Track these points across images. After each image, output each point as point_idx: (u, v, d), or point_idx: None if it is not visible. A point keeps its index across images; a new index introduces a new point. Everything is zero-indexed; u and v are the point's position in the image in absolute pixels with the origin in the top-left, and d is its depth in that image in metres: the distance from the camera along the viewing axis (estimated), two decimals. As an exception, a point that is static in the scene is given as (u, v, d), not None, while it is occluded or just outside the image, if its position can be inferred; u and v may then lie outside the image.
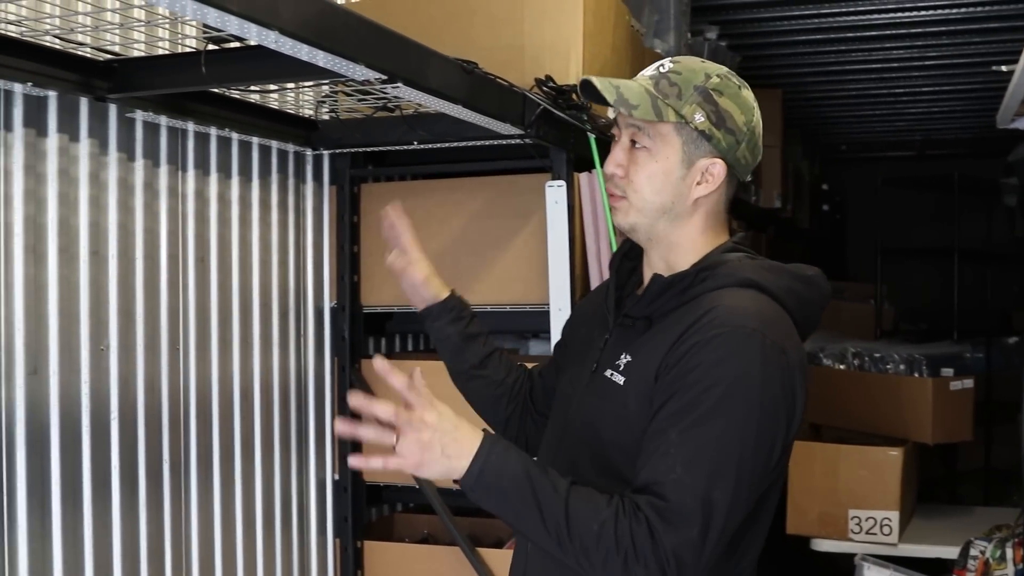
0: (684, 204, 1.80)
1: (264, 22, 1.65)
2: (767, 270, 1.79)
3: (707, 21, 4.95)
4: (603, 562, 1.60)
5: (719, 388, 1.63)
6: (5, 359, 2.24)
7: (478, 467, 1.61)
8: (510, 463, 1.62)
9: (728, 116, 1.79)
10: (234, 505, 2.94)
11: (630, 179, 1.81)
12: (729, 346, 1.66)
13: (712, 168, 1.79)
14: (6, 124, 2.25)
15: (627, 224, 1.85)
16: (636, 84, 1.79)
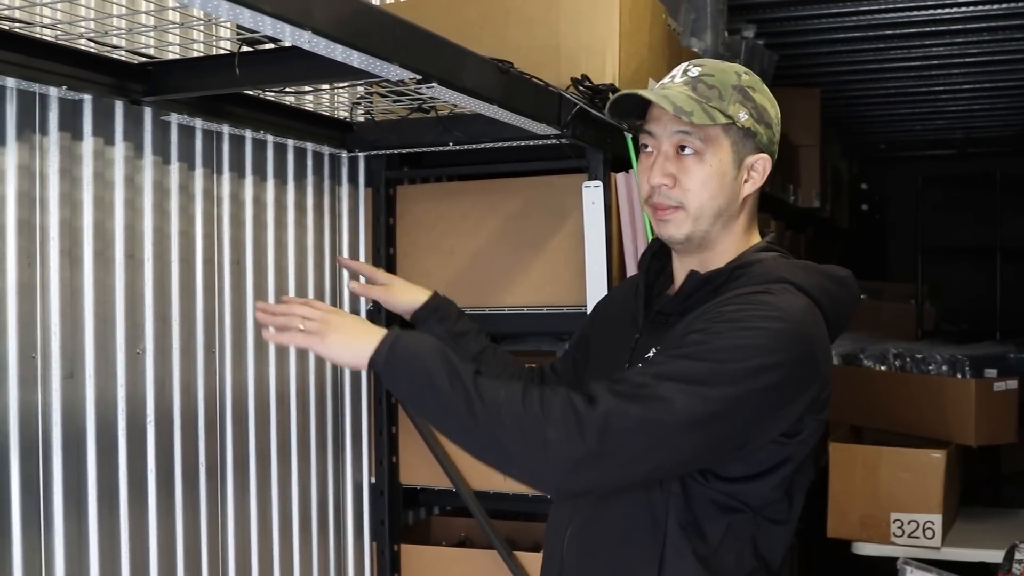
0: (734, 204, 1.83)
1: (297, 22, 1.63)
2: (801, 269, 1.80)
3: (744, 20, 4.92)
4: (519, 430, 1.59)
5: (725, 340, 1.64)
6: (41, 363, 2.24)
7: (391, 341, 1.68)
8: (424, 340, 1.68)
9: (764, 110, 1.83)
10: (270, 509, 2.93)
11: (683, 187, 1.80)
12: (756, 316, 1.67)
13: (758, 164, 1.83)
14: (42, 128, 2.24)
15: (682, 235, 1.83)
16: (676, 92, 1.79)
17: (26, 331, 2.20)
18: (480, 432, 1.62)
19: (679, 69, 1.87)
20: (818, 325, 1.73)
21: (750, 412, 1.64)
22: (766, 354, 1.63)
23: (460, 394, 1.61)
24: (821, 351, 1.72)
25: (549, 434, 1.57)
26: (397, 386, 1.70)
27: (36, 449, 2.23)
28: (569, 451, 1.57)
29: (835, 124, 7.47)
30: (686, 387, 1.60)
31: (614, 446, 1.57)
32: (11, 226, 2.17)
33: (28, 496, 2.20)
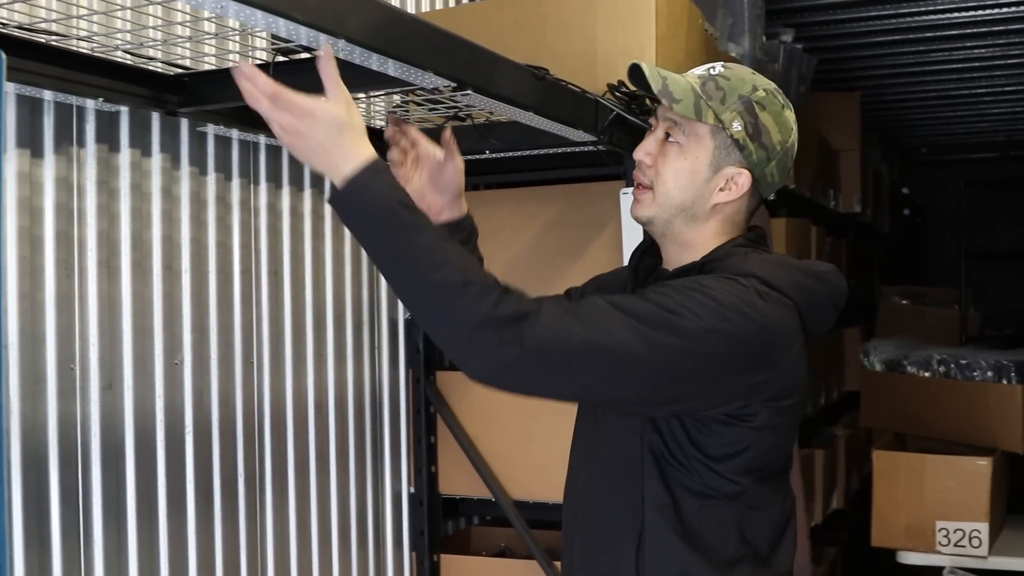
0: (703, 206, 1.83)
1: (331, 31, 1.63)
2: (773, 264, 1.80)
3: (783, 23, 4.88)
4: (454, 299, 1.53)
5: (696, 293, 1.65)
6: (80, 374, 2.25)
7: (353, 189, 1.56)
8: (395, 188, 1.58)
9: (765, 131, 1.82)
10: (310, 519, 2.93)
11: (658, 170, 1.83)
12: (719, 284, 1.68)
13: (737, 178, 1.83)
14: (79, 140, 2.25)
15: (644, 216, 1.87)
16: (684, 80, 1.82)
17: (64, 343, 2.21)
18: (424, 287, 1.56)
19: (710, 64, 1.89)
20: (782, 321, 1.72)
21: (683, 367, 1.63)
22: (718, 320, 1.62)
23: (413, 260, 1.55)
24: (781, 346, 1.71)
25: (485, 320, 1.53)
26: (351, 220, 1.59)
27: (75, 460, 2.23)
28: (500, 347, 1.53)
29: (875, 128, 7.41)
30: (634, 324, 1.59)
31: (546, 355, 1.55)
32: (49, 238, 2.18)
33: (67, 507, 2.20)
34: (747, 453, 1.73)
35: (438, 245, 1.56)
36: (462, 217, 2.03)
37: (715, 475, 1.73)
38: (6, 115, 2.09)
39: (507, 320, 1.53)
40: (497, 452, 3.21)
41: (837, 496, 5.21)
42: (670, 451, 1.74)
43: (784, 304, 1.73)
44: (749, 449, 1.73)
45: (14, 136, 2.11)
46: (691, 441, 1.72)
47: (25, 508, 2.11)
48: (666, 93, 1.79)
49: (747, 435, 1.72)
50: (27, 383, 2.13)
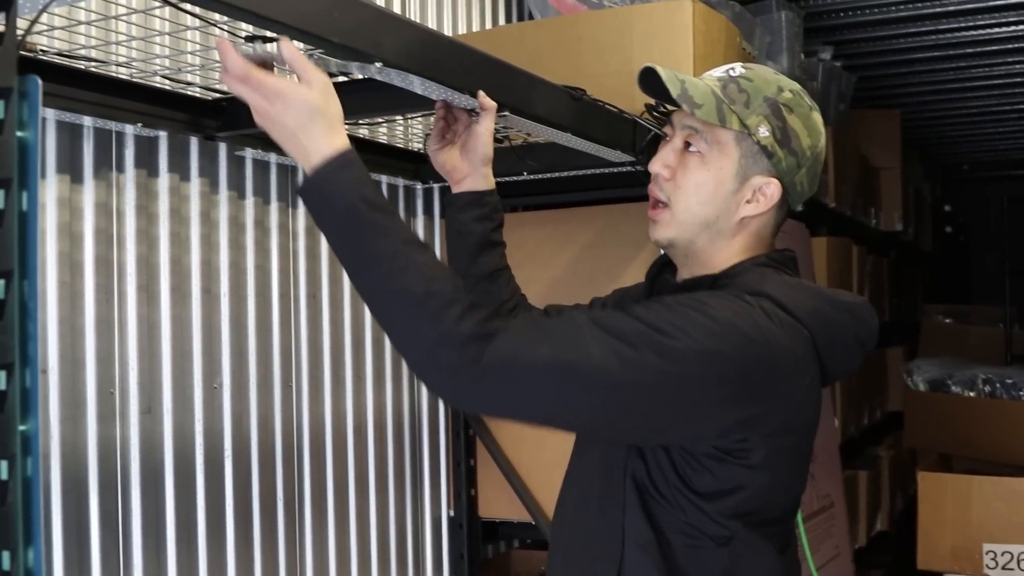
0: (729, 221, 1.69)
1: (368, 53, 1.62)
2: (791, 286, 1.63)
3: (821, 41, 4.86)
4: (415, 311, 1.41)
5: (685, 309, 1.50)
6: (120, 398, 2.25)
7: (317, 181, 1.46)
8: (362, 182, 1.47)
9: (794, 136, 1.68)
10: (349, 543, 2.92)
11: (676, 183, 1.70)
12: (715, 301, 1.53)
13: (766, 188, 1.68)
14: (118, 165, 2.26)
15: (665, 239, 1.73)
16: (703, 83, 1.68)
17: (104, 367, 2.21)
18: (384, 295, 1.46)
19: (728, 65, 1.75)
20: (790, 347, 1.55)
21: (669, 393, 1.47)
22: (710, 340, 1.46)
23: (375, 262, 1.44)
24: (786, 375, 1.55)
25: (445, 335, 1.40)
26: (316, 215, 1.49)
27: (115, 484, 2.23)
28: (461, 366, 1.41)
29: (916, 145, 7.35)
30: (613, 342, 1.44)
31: (508, 374, 1.42)
32: (89, 263, 2.19)
33: (107, 530, 2.20)
34: (739, 493, 1.57)
35: (402, 250, 1.43)
36: (486, 191, 1.93)
37: (702, 514, 1.57)
38: (46, 141, 2.11)
39: (469, 337, 1.40)
40: (537, 475, 3.19)
41: (881, 518, 5.16)
42: (654, 483, 1.59)
43: (795, 329, 1.56)
44: (742, 489, 1.57)
45: (54, 162, 2.12)
46: (677, 474, 1.57)
47: (65, 532, 2.12)
48: (686, 98, 1.64)
49: (740, 473, 1.55)
50: (67, 407, 2.13)
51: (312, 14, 1.52)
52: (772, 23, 4.00)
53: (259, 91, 1.47)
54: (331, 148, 1.47)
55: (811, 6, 4.55)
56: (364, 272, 1.45)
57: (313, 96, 1.47)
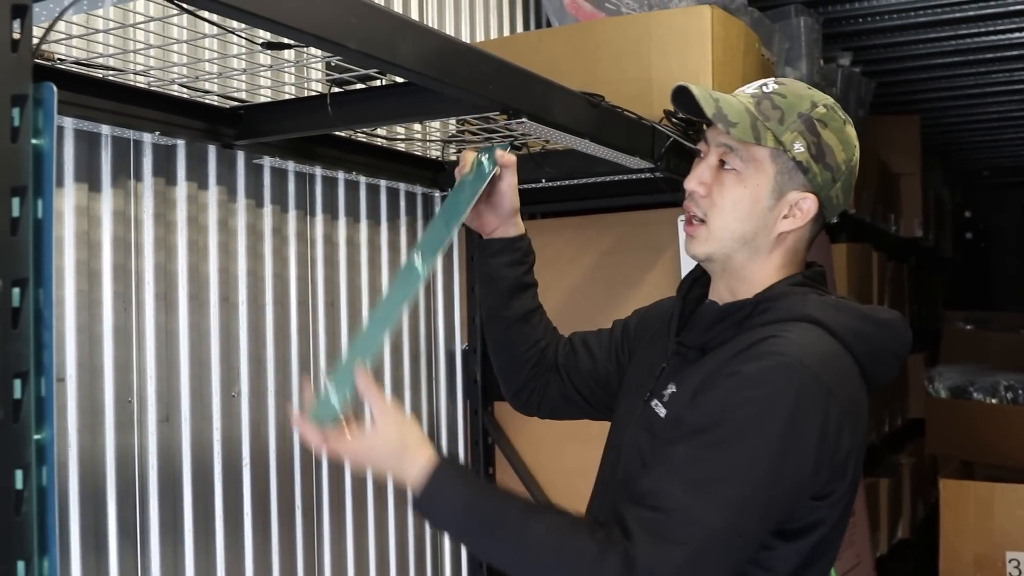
0: (767, 237, 1.70)
1: (385, 59, 1.62)
2: (834, 308, 1.66)
3: (840, 47, 4.84)
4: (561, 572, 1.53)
5: (743, 412, 1.53)
6: (138, 407, 2.25)
7: (424, 495, 1.60)
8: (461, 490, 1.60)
9: (829, 150, 1.69)
10: (368, 550, 2.91)
11: (713, 200, 1.70)
12: (767, 372, 1.55)
13: (803, 203, 1.69)
14: (136, 174, 2.26)
15: (702, 253, 1.73)
16: (736, 100, 1.69)
17: (122, 375, 2.21)
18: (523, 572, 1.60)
19: (760, 81, 1.76)
20: (839, 373, 1.59)
21: (787, 490, 1.55)
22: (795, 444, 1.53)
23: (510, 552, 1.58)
24: (854, 431, 1.60)
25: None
26: (435, 525, 1.67)
27: (133, 493, 2.23)
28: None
29: (936, 151, 7.32)
30: (714, 497, 1.50)
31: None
32: (107, 271, 2.19)
33: (125, 539, 2.20)
34: (817, 531, 1.62)
35: (522, 532, 1.55)
36: (518, 236, 1.97)
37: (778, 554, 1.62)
38: (64, 150, 2.11)
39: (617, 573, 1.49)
40: (556, 483, 3.18)
41: (903, 526, 5.13)
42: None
43: (841, 357, 1.61)
44: (820, 525, 1.62)
45: (72, 170, 2.12)
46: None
47: (83, 540, 2.11)
48: (721, 116, 1.64)
49: (821, 512, 1.61)
50: (85, 416, 2.13)
51: (329, 20, 1.51)
52: (791, 29, 3.99)
53: (346, 454, 1.65)
54: (422, 474, 1.60)
55: (830, 12, 4.53)
56: (499, 559, 1.61)
57: (391, 434, 1.63)
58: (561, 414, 2.10)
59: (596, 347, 2.04)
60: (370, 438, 1.62)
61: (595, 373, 2.02)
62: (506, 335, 2.02)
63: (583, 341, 2.06)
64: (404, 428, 1.63)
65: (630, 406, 1.82)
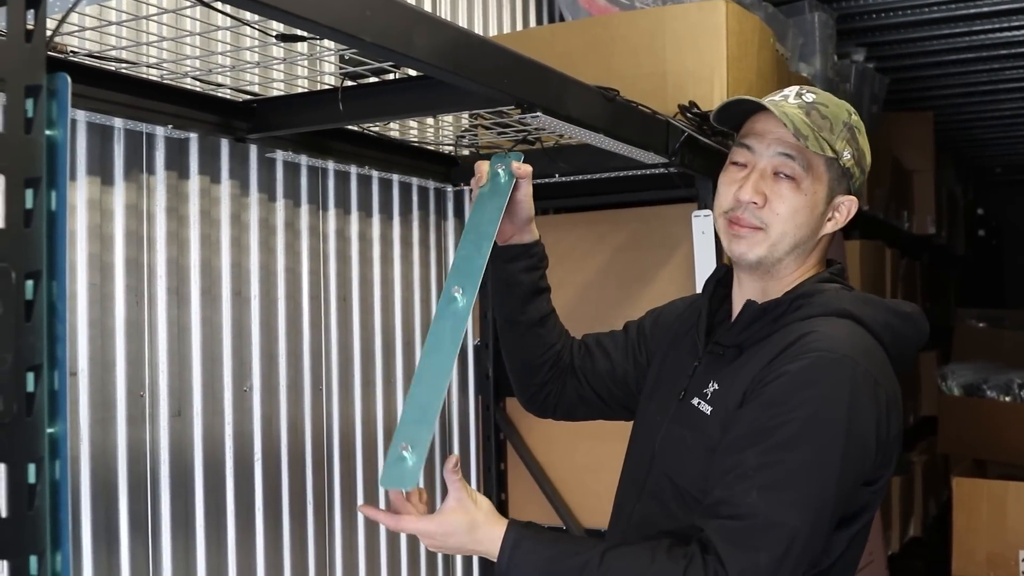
0: (814, 240, 1.76)
1: (399, 52, 1.61)
2: (864, 302, 1.73)
3: (854, 43, 4.82)
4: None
5: (804, 411, 1.57)
6: (150, 401, 2.24)
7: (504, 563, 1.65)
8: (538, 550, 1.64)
9: (863, 155, 1.79)
10: (379, 545, 2.91)
11: (773, 210, 1.72)
12: (818, 370, 1.60)
13: (844, 205, 1.77)
14: (148, 167, 2.26)
15: (755, 257, 1.74)
16: (793, 112, 1.71)
17: (134, 369, 2.21)
18: None
19: (791, 90, 1.79)
20: (879, 365, 1.66)
21: (852, 480, 1.60)
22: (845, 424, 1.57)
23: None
24: (892, 424, 1.65)
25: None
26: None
27: (144, 487, 2.23)
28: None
29: (949, 148, 7.29)
30: (790, 497, 1.55)
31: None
32: (119, 265, 2.18)
33: (136, 533, 2.20)
34: (864, 515, 1.68)
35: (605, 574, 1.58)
36: (532, 242, 1.98)
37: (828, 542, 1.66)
38: (77, 143, 2.10)
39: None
40: (568, 479, 3.17)
41: (914, 524, 5.11)
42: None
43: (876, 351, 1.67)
44: (866, 510, 1.68)
45: (85, 164, 2.11)
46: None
47: (94, 535, 2.11)
48: (799, 133, 1.67)
49: (866, 497, 1.67)
50: (97, 410, 2.13)
51: (344, 13, 1.50)
52: (805, 24, 3.97)
53: (422, 536, 1.68)
54: (497, 546, 1.65)
55: (844, 7, 4.51)
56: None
57: (464, 516, 1.66)
58: (576, 415, 2.11)
59: (612, 348, 2.05)
60: (443, 521, 1.65)
61: (612, 374, 2.03)
62: (523, 340, 2.02)
63: (598, 343, 2.08)
64: (475, 503, 1.67)
65: (662, 405, 1.84)
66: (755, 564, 1.52)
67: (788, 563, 1.53)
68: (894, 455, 1.68)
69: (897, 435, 1.67)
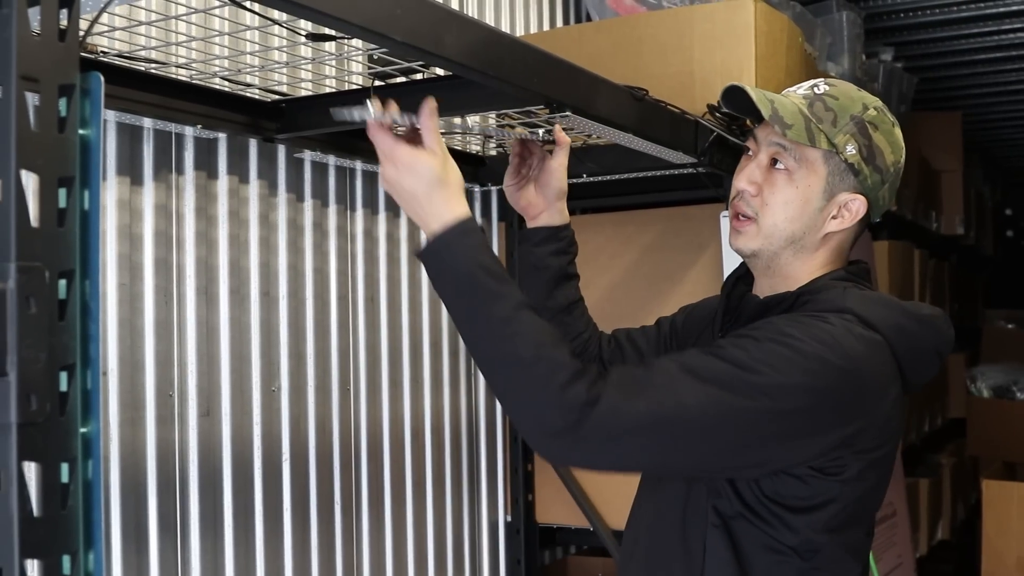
0: (814, 237, 1.70)
1: (429, 51, 1.60)
2: (874, 302, 1.64)
3: (882, 43, 4.80)
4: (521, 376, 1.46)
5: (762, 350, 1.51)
6: (179, 401, 2.25)
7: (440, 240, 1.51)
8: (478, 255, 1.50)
9: (879, 153, 1.70)
10: (406, 547, 2.90)
11: (764, 200, 1.69)
12: (798, 330, 1.54)
13: (851, 204, 1.69)
14: (177, 167, 2.26)
15: (749, 249, 1.72)
16: (790, 101, 1.68)
17: (163, 369, 2.21)
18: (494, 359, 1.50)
19: (811, 82, 1.76)
20: (876, 365, 1.58)
21: (767, 430, 1.50)
22: (801, 375, 1.49)
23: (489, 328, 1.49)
24: (875, 393, 1.57)
25: (550, 401, 1.44)
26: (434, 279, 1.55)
27: (173, 487, 2.23)
28: (565, 431, 1.44)
29: (977, 148, 7.25)
30: (707, 388, 1.47)
31: (610, 434, 1.45)
32: (148, 265, 2.18)
33: (165, 533, 2.20)
34: (830, 507, 1.58)
35: (514, 316, 1.48)
36: (562, 225, 1.95)
37: (788, 529, 1.58)
38: (107, 143, 2.10)
39: (574, 403, 1.43)
40: (595, 481, 3.16)
41: (942, 526, 5.08)
42: (741, 497, 1.60)
43: (879, 346, 1.59)
44: (833, 503, 1.58)
45: (115, 164, 2.12)
46: (766, 489, 1.58)
47: (124, 534, 2.11)
48: (777, 118, 1.64)
49: (832, 487, 1.57)
50: (126, 410, 2.13)
51: (374, 12, 1.50)
52: (833, 24, 3.95)
53: (384, 154, 1.56)
54: (451, 215, 1.52)
55: (872, 7, 4.49)
56: (477, 337, 1.51)
57: (436, 165, 1.53)
58: None
59: (643, 343, 2.02)
60: (419, 154, 1.53)
61: None
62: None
63: (628, 337, 2.05)
64: (451, 166, 1.56)
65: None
66: (629, 411, 1.45)
67: (659, 434, 1.47)
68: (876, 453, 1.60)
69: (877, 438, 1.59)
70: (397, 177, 1.54)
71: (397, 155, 1.54)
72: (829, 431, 1.54)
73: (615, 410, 1.44)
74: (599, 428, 1.44)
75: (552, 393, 1.44)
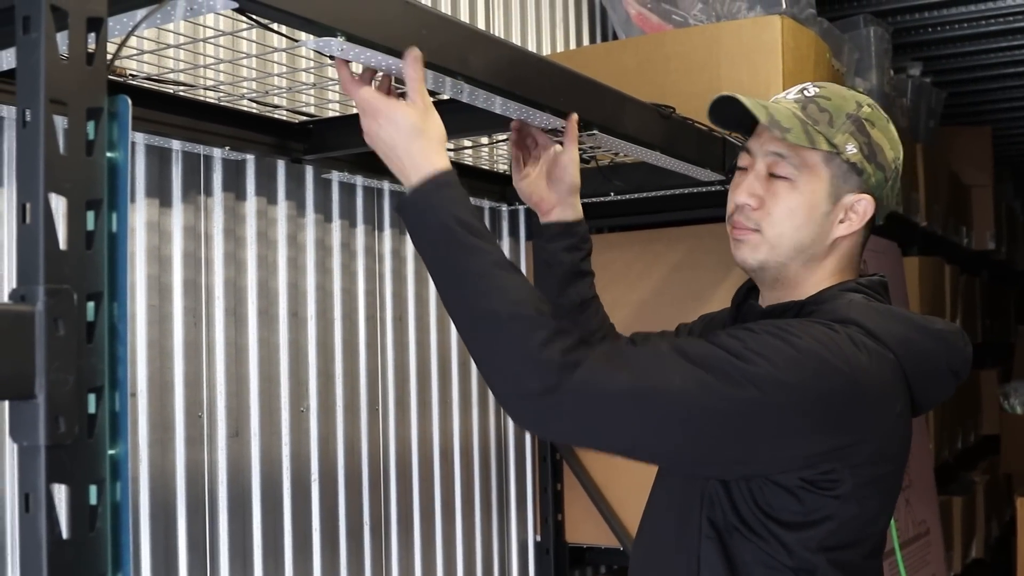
0: (822, 244, 1.65)
1: (454, 71, 1.60)
2: (880, 314, 1.58)
3: (910, 58, 4.78)
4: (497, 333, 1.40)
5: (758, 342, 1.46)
6: (207, 422, 2.25)
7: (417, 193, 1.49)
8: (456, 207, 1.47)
9: (879, 149, 1.66)
10: (435, 567, 2.90)
11: (767, 211, 1.64)
12: (800, 329, 1.49)
13: (858, 205, 1.65)
14: (206, 189, 2.27)
15: (755, 261, 1.67)
16: (783, 107, 1.65)
17: (192, 390, 2.22)
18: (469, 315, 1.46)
19: (799, 86, 1.72)
20: (877, 375, 1.51)
21: (750, 423, 1.44)
22: (794, 370, 1.44)
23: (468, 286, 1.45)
24: (873, 404, 1.51)
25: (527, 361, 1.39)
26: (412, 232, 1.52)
27: (203, 507, 2.23)
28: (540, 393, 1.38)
29: (1007, 162, 7.21)
30: (695, 371, 1.41)
31: (585, 402, 1.39)
32: (177, 286, 2.19)
33: (195, 553, 2.20)
34: (825, 525, 1.52)
35: (491, 272, 1.43)
36: (576, 220, 1.91)
37: (781, 546, 1.53)
38: (136, 165, 2.12)
39: (551, 364, 1.37)
40: (625, 500, 3.14)
41: (976, 545, 5.03)
42: (737, 511, 1.55)
43: (882, 357, 1.53)
44: (828, 520, 1.52)
45: (143, 186, 2.13)
46: (760, 503, 1.53)
47: (153, 555, 2.12)
48: (774, 123, 1.60)
49: (827, 504, 1.51)
50: (155, 430, 2.14)
51: (401, 32, 1.50)
52: (860, 39, 3.94)
53: (362, 107, 1.52)
54: (430, 167, 1.49)
55: (900, 22, 4.48)
56: (453, 291, 1.46)
57: (415, 115, 1.50)
58: None
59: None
60: (397, 105, 1.50)
61: None
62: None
63: (646, 339, 2.01)
64: (433, 118, 1.52)
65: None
66: (611, 374, 1.40)
67: (638, 408, 1.41)
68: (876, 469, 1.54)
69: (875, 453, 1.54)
70: (376, 129, 1.52)
71: (376, 106, 1.51)
72: (817, 437, 1.48)
73: (595, 375, 1.39)
74: (576, 394, 1.38)
75: (529, 352, 1.38)
